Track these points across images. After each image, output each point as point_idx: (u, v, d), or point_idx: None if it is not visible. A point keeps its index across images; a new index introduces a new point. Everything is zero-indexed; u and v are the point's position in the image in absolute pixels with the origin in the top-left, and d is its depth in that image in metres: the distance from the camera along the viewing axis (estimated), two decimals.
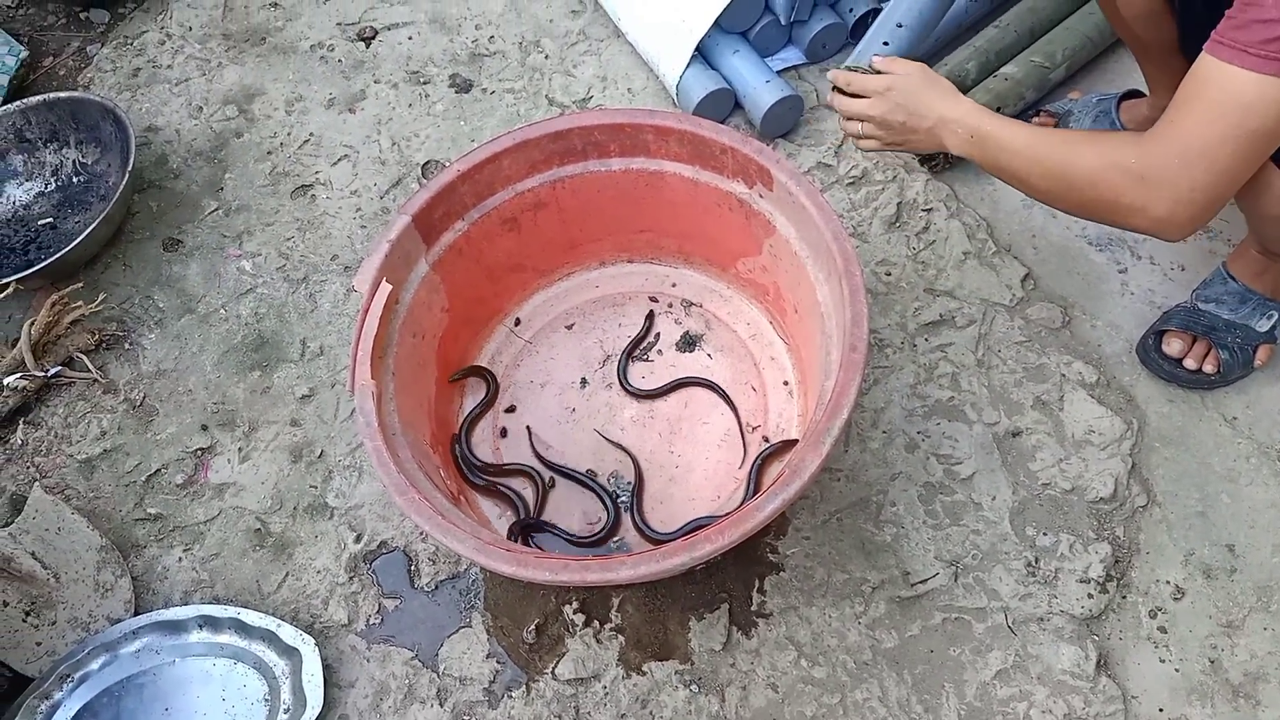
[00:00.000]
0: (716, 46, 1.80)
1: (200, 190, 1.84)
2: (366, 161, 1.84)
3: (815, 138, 1.76)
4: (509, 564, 1.09)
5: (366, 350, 1.25)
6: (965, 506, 1.39)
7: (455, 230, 1.43)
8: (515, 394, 1.53)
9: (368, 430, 1.20)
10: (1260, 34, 0.94)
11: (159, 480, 1.54)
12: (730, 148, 1.36)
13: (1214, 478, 1.39)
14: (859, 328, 1.17)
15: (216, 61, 2.02)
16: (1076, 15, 1.75)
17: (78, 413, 1.61)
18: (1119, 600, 1.32)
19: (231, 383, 1.62)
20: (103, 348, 1.66)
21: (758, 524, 1.07)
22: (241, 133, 1.91)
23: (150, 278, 1.74)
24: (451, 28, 2.01)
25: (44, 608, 1.40)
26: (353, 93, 1.94)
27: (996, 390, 1.48)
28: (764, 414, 1.46)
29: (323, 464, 1.52)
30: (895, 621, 1.32)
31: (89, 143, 1.85)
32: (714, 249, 1.54)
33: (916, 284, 1.58)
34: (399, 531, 1.45)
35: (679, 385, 1.49)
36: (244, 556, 1.46)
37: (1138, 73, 1.61)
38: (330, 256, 1.73)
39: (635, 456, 1.44)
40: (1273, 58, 0.94)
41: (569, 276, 1.62)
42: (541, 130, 1.41)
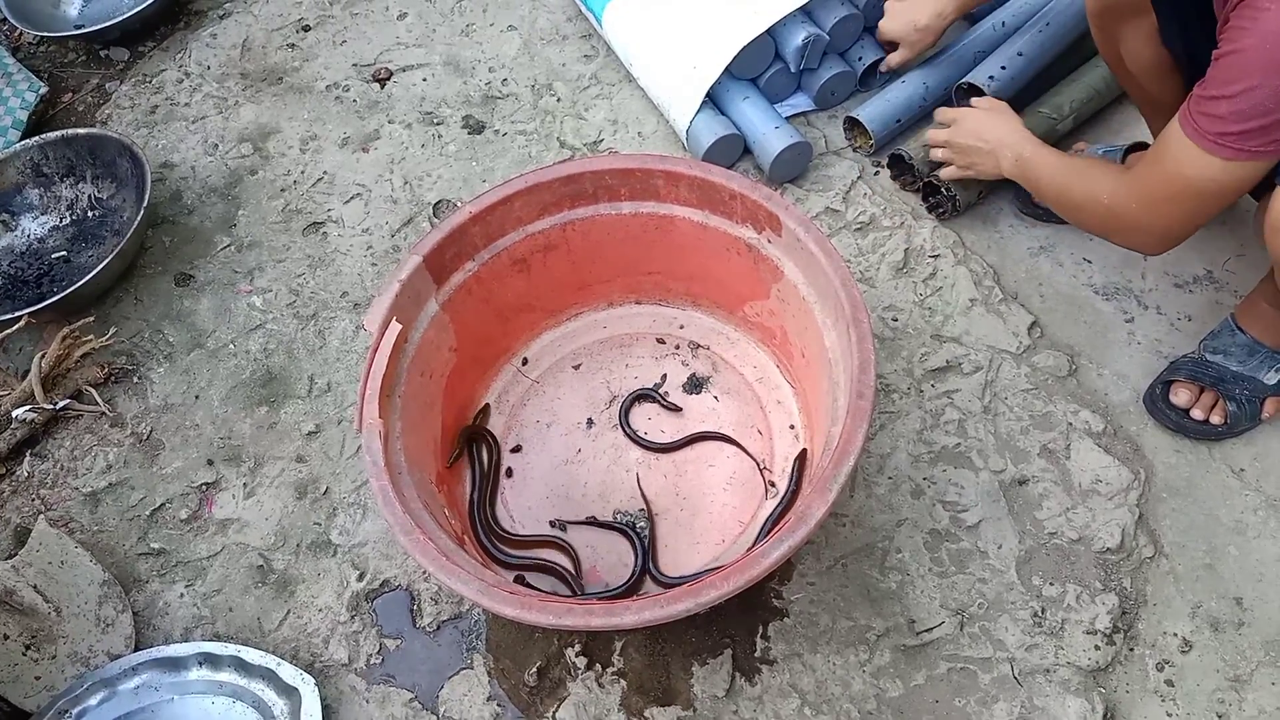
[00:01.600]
0: (726, 92, 1.82)
1: (214, 226, 1.86)
2: (378, 200, 1.86)
3: (824, 183, 1.77)
4: (512, 607, 1.09)
5: (374, 389, 1.26)
6: (971, 554, 1.38)
7: (465, 270, 1.44)
8: (521, 434, 1.53)
9: (374, 469, 1.20)
10: (1213, 125, 1.10)
11: (163, 515, 1.54)
12: (739, 194, 1.37)
13: (1222, 530, 1.38)
14: (866, 374, 1.18)
15: (233, 100, 2.05)
16: (1084, 68, 1.77)
17: (84, 446, 1.61)
18: (1126, 652, 1.30)
19: (238, 418, 1.62)
20: (111, 381, 1.67)
21: (763, 570, 1.07)
22: (256, 170, 1.93)
23: (161, 312, 1.76)
24: (465, 70, 2.04)
25: (44, 642, 1.40)
26: (366, 132, 1.97)
27: (1003, 438, 1.47)
28: (770, 458, 1.46)
29: (327, 501, 1.52)
30: (900, 670, 1.31)
31: (105, 178, 1.87)
32: (722, 292, 1.54)
33: (923, 330, 1.59)
34: (402, 570, 1.45)
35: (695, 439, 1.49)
36: (246, 593, 1.45)
37: (1144, 125, 1.63)
38: (340, 294, 1.75)
39: (651, 505, 1.43)
40: (1223, 145, 1.10)
41: (577, 317, 1.63)
42: (553, 174, 1.42)
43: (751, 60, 1.79)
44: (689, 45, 1.77)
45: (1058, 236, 1.66)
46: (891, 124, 1.78)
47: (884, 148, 1.79)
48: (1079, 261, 1.64)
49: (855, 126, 1.80)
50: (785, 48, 1.80)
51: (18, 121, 1.97)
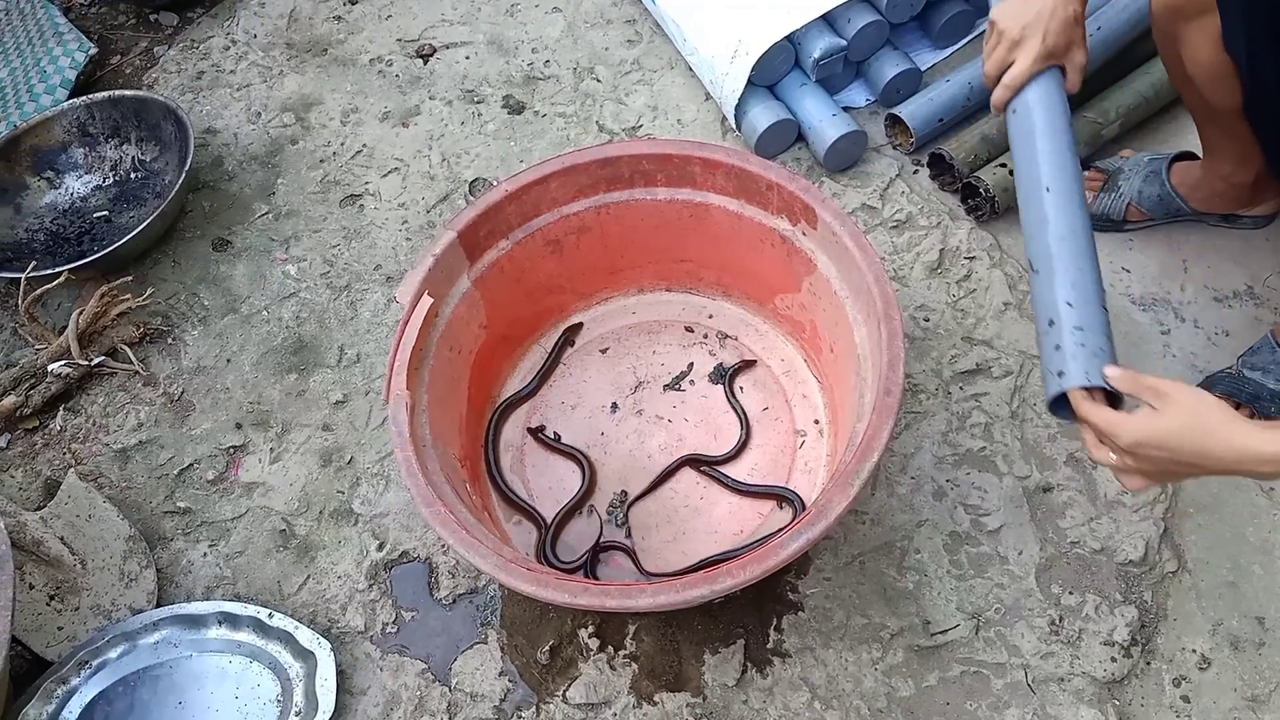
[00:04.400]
0: (783, 79, 1.81)
1: (253, 194, 1.88)
2: (416, 175, 1.87)
3: (862, 179, 1.76)
4: (529, 583, 1.10)
5: (404, 361, 1.27)
6: (991, 559, 1.37)
7: (499, 249, 1.44)
8: (546, 414, 1.54)
9: (399, 440, 1.21)
10: None
11: (190, 475, 1.56)
12: (776, 184, 1.36)
13: (1247, 548, 1.36)
14: (895, 372, 1.17)
15: (278, 70, 2.06)
16: (1133, 74, 1.75)
17: (117, 403, 1.64)
18: (1143, 666, 1.29)
19: (268, 384, 1.64)
20: (146, 341, 1.69)
21: (780, 561, 1.07)
22: (297, 140, 1.95)
23: (198, 276, 1.78)
24: (509, 50, 2.04)
25: (68, 593, 1.42)
26: (407, 107, 1.97)
27: (1029, 444, 1.46)
28: (793, 452, 1.46)
29: (351, 470, 1.54)
30: (912, 670, 1.30)
31: (149, 141, 1.89)
32: (753, 283, 1.54)
33: (955, 331, 1.57)
34: (421, 543, 1.46)
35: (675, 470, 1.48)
36: (267, 556, 1.47)
37: (1191, 134, 1.60)
38: (374, 266, 1.76)
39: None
40: None
41: (606, 301, 1.63)
42: (591, 156, 1.42)
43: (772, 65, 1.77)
44: (739, 23, 1.76)
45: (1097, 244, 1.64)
46: (934, 123, 1.76)
47: (924, 146, 1.78)
48: (1117, 270, 1.62)
49: (897, 124, 1.79)
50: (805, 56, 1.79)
51: (66, 80, 1.99)
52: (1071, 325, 1.08)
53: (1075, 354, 1.06)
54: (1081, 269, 1.12)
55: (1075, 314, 1.08)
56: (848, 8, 1.76)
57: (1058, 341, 1.08)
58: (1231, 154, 1.49)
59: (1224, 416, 0.94)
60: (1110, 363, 1.05)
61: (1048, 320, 1.11)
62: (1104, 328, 1.08)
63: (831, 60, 1.77)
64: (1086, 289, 1.10)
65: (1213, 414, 0.94)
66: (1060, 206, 1.15)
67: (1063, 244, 1.13)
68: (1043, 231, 1.15)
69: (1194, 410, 0.94)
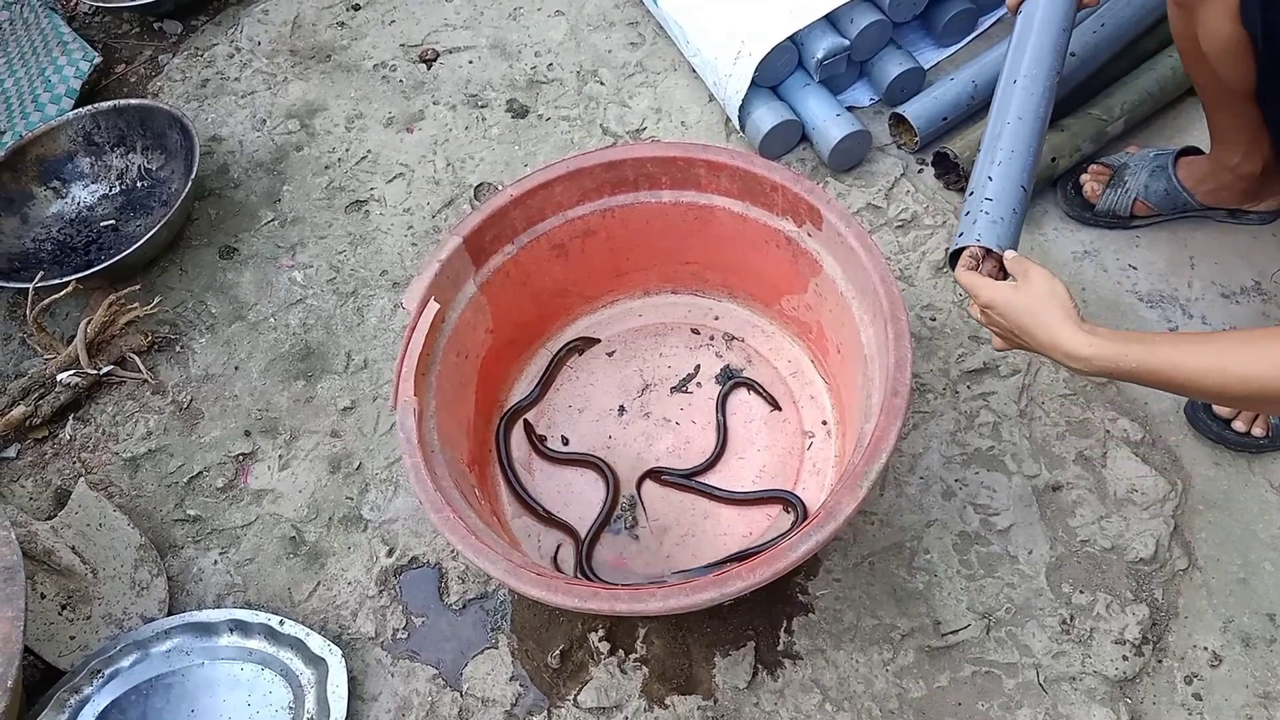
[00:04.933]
0: (787, 80, 1.81)
1: (258, 201, 1.88)
2: (421, 181, 1.87)
3: (867, 179, 1.76)
4: (538, 588, 1.10)
5: (411, 367, 1.27)
6: (1001, 558, 1.37)
7: (504, 254, 1.44)
8: (553, 417, 1.54)
9: (407, 446, 1.21)
10: None
11: (200, 483, 1.56)
12: (781, 185, 1.36)
13: (1258, 545, 1.36)
14: (902, 372, 1.17)
15: (282, 76, 2.07)
16: (1137, 71, 1.74)
17: (126, 412, 1.64)
18: (1154, 664, 1.29)
19: (276, 390, 1.64)
20: (155, 349, 1.70)
21: (789, 564, 1.07)
22: (302, 146, 1.95)
23: (205, 283, 1.78)
24: (512, 54, 2.04)
25: (80, 602, 1.43)
26: (411, 113, 1.98)
27: (1038, 442, 1.46)
28: (801, 453, 1.46)
29: (360, 476, 1.54)
30: (924, 671, 1.30)
31: (155, 149, 1.90)
32: (759, 284, 1.54)
33: (961, 330, 1.57)
34: (430, 548, 1.46)
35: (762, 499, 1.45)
36: (278, 563, 1.47)
37: (1196, 129, 1.60)
38: (380, 272, 1.76)
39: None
40: None
41: (613, 304, 1.63)
42: (595, 159, 1.42)
43: (775, 66, 1.77)
44: (741, 24, 1.76)
45: (1103, 241, 1.64)
46: (938, 122, 1.76)
47: (929, 145, 1.78)
48: (1124, 267, 1.61)
49: (901, 123, 1.79)
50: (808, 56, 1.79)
51: (71, 90, 2.00)
52: (984, 195, 1.20)
53: (977, 219, 1.18)
54: (1016, 150, 1.23)
55: (993, 186, 1.20)
56: (850, 8, 1.76)
57: (969, 208, 1.21)
58: (1240, 142, 1.49)
59: (1056, 309, 1.05)
60: (1010, 234, 1.17)
61: (970, 190, 1.23)
62: (1015, 203, 1.19)
63: (835, 60, 1.77)
64: (1013, 167, 1.21)
65: (1047, 304, 1.06)
66: (1023, 96, 1.26)
67: (1008, 128, 1.24)
68: (1001, 117, 1.26)
69: (1037, 295, 1.07)
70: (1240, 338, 1.00)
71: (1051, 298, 1.06)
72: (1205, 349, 0.98)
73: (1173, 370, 0.99)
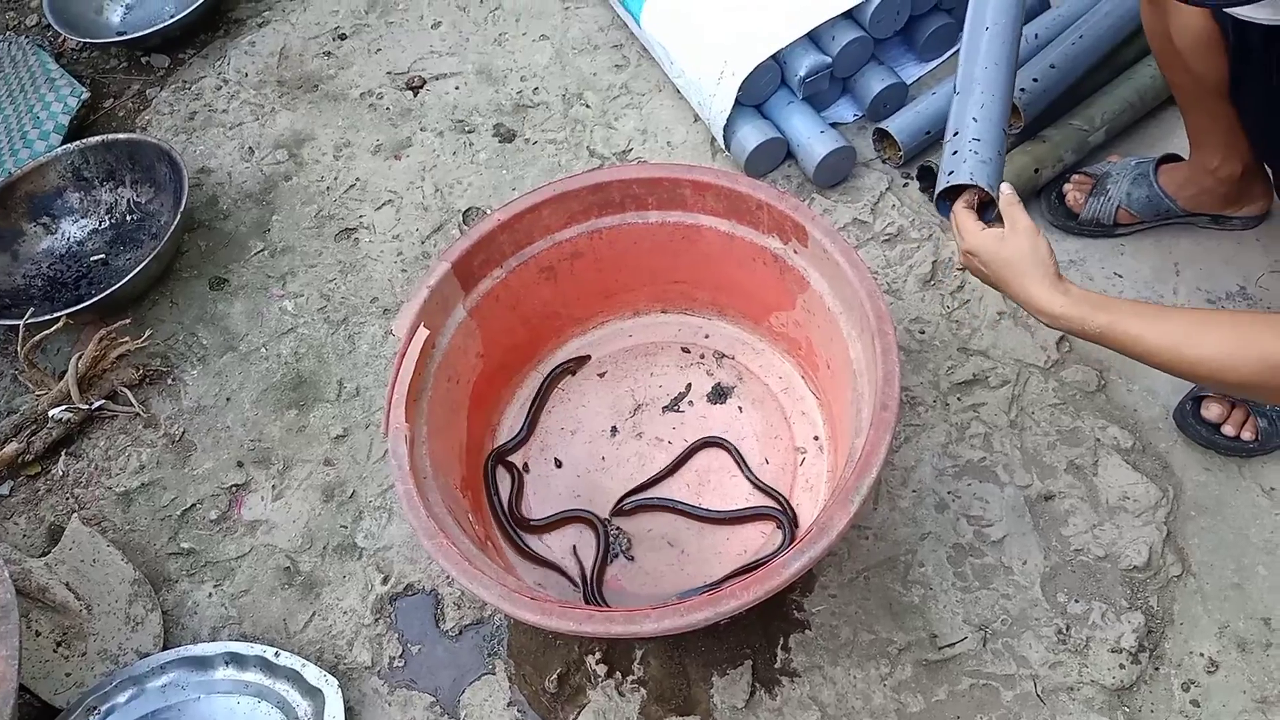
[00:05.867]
0: (770, 98, 1.82)
1: (248, 231, 1.89)
2: (409, 207, 1.88)
3: (853, 194, 1.77)
4: (534, 613, 1.10)
5: (402, 394, 1.27)
6: (995, 570, 1.37)
7: (493, 278, 1.45)
8: (546, 440, 1.54)
9: (399, 473, 1.22)
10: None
11: (193, 515, 1.56)
12: (766, 203, 1.37)
13: (1251, 549, 1.36)
14: (891, 386, 1.17)
15: (270, 107, 2.08)
16: (1116, 80, 1.76)
17: (118, 446, 1.64)
18: (1151, 671, 1.29)
19: (269, 420, 1.64)
20: (146, 382, 1.70)
21: (783, 581, 1.07)
22: (290, 176, 1.96)
23: (196, 315, 1.79)
24: (497, 79, 2.06)
25: (75, 639, 1.42)
26: (399, 140, 1.99)
27: (1029, 452, 1.46)
28: (794, 469, 1.46)
29: (354, 504, 1.54)
30: (921, 685, 1.30)
31: (144, 182, 1.90)
32: (748, 302, 1.55)
33: (950, 343, 1.58)
34: (426, 574, 1.46)
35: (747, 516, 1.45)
36: (273, 594, 1.47)
37: (1176, 136, 1.61)
38: (370, 299, 1.77)
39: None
40: None
41: (603, 325, 1.63)
42: (581, 182, 1.43)
43: (759, 84, 1.78)
44: (724, 44, 1.77)
45: (1088, 250, 1.65)
46: (921, 136, 1.77)
47: (913, 159, 1.79)
48: (1110, 275, 1.62)
49: (885, 138, 1.80)
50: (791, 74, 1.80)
51: (59, 126, 2.01)
52: (971, 136, 1.26)
53: (967, 159, 1.24)
54: (994, 94, 1.29)
55: (978, 128, 1.26)
56: (832, 25, 1.78)
57: (956, 148, 1.26)
58: (1218, 145, 1.50)
59: (1035, 266, 1.13)
60: (998, 174, 1.24)
61: (954, 131, 1.28)
62: (999, 145, 1.26)
63: (818, 78, 1.78)
64: (994, 109, 1.28)
65: (1026, 260, 1.13)
66: (994, 42, 1.32)
67: (986, 72, 1.30)
68: (973, 61, 1.32)
69: (1019, 249, 1.14)
70: (1198, 319, 1.07)
71: (1033, 253, 1.13)
72: (1165, 326, 1.05)
73: (1132, 342, 1.07)
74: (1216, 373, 1.02)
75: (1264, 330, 1.00)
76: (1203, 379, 1.05)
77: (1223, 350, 1.01)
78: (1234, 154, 1.49)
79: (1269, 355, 0.98)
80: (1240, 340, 1.01)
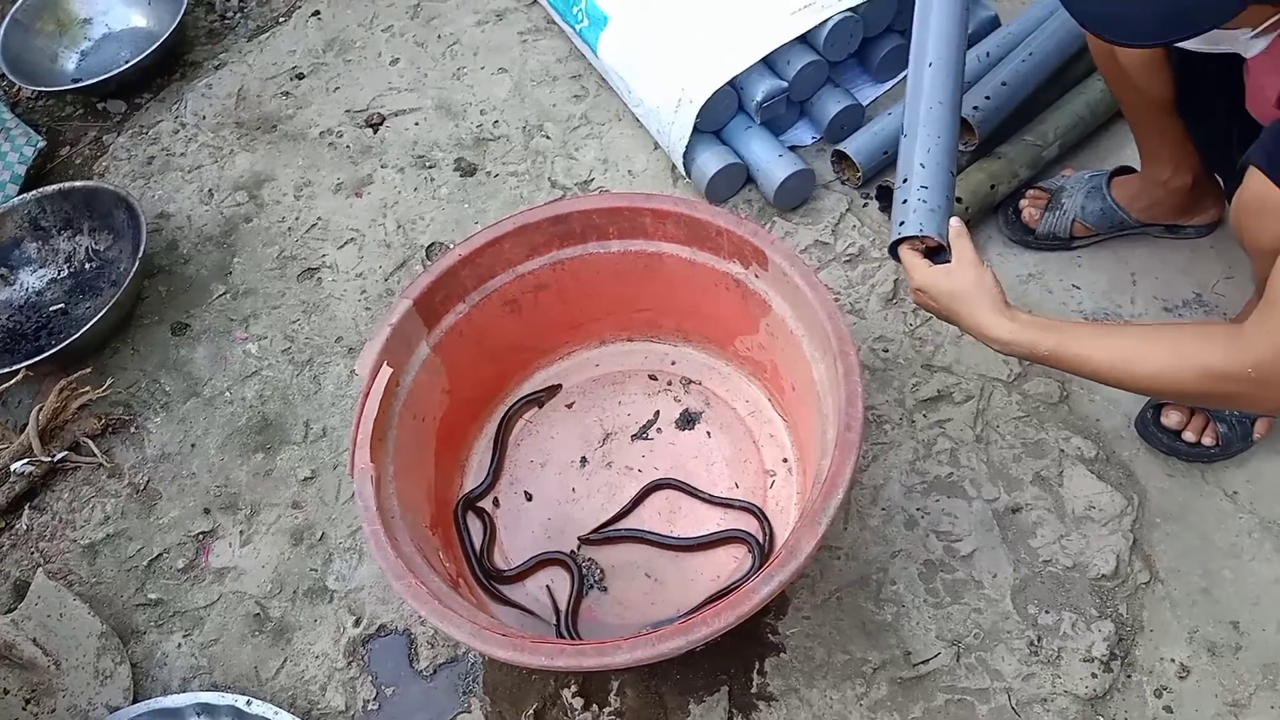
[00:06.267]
0: (729, 123, 1.84)
1: (209, 275, 1.88)
2: (372, 244, 1.88)
3: (813, 216, 1.79)
4: (505, 649, 1.09)
5: (366, 434, 1.27)
6: (966, 584, 1.38)
7: (456, 313, 1.45)
8: (515, 473, 1.53)
9: (366, 514, 1.21)
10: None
11: (160, 565, 1.54)
12: (726, 229, 1.38)
13: (1217, 554, 1.37)
14: (854, 407, 1.18)
15: (228, 149, 2.07)
16: (1067, 96, 1.79)
17: (82, 497, 1.62)
18: (1123, 680, 1.30)
19: (234, 465, 1.63)
20: (109, 432, 1.68)
21: (754, 606, 1.07)
22: (251, 218, 1.96)
23: (158, 362, 1.77)
24: (457, 113, 2.06)
25: (44, 695, 1.40)
26: (360, 177, 1.99)
27: (995, 466, 1.47)
28: (764, 492, 1.46)
29: (323, 546, 1.53)
30: (897, 703, 1.30)
31: (102, 230, 1.89)
32: (712, 327, 1.55)
33: (914, 360, 1.59)
34: (398, 615, 1.45)
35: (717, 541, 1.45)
36: (243, 642, 1.45)
37: (1128, 149, 1.64)
38: (335, 338, 1.76)
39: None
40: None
41: (569, 355, 1.63)
42: (541, 214, 1.44)
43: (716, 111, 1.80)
44: (681, 72, 1.78)
45: (1046, 264, 1.67)
46: (879, 156, 1.79)
47: (872, 179, 1.81)
48: (1068, 288, 1.64)
49: (843, 159, 1.82)
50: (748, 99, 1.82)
51: (16, 176, 1.99)
52: (919, 184, 1.28)
53: (917, 208, 1.26)
54: (940, 136, 1.30)
55: (925, 174, 1.28)
56: (787, 50, 1.80)
57: (905, 196, 1.28)
58: (1168, 158, 1.52)
59: (981, 296, 1.16)
60: (945, 218, 1.25)
61: (903, 177, 1.30)
62: (948, 188, 1.29)
63: (774, 102, 1.80)
64: (940, 153, 1.29)
65: (970, 291, 1.17)
66: (937, 79, 1.33)
67: (930, 113, 1.31)
68: (917, 100, 1.33)
69: (963, 281, 1.18)
70: (1141, 336, 1.10)
71: (977, 285, 1.17)
72: (1111, 345, 1.09)
73: (1081, 362, 1.10)
74: (1163, 387, 1.05)
75: (1201, 342, 1.04)
76: (1152, 393, 1.08)
77: (1166, 365, 1.04)
78: (1184, 166, 1.52)
79: (1208, 366, 1.01)
80: (1180, 354, 1.04)
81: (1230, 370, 1.00)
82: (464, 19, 2.21)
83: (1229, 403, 1.03)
